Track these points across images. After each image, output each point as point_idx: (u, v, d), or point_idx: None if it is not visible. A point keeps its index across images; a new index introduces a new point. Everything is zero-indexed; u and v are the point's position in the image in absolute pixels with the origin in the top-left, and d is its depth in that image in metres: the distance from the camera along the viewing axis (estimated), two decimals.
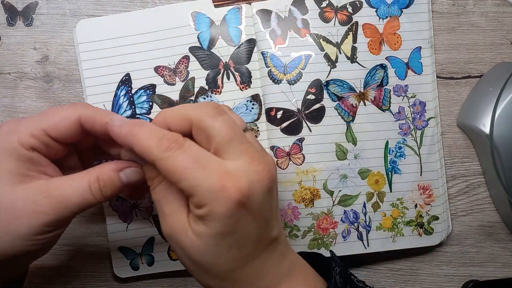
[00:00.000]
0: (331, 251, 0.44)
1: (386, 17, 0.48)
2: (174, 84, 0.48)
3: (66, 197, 0.34)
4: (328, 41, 0.48)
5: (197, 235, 0.32)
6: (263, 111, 0.48)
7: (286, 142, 0.47)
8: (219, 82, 0.48)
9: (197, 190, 0.31)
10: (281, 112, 0.47)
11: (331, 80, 0.47)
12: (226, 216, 0.31)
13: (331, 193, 0.48)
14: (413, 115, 0.48)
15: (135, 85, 0.48)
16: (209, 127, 0.33)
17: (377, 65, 0.48)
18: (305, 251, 0.46)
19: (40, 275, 0.49)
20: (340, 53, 0.48)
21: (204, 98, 0.48)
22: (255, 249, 0.34)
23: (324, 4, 0.48)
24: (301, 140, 0.47)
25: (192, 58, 0.48)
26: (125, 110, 0.48)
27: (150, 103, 0.48)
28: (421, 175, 0.48)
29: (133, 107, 0.48)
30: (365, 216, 0.48)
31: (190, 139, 0.33)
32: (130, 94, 0.48)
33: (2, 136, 0.35)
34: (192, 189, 0.31)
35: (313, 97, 0.47)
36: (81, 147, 0.39)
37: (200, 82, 0.48)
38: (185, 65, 0.48)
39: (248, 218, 0.32)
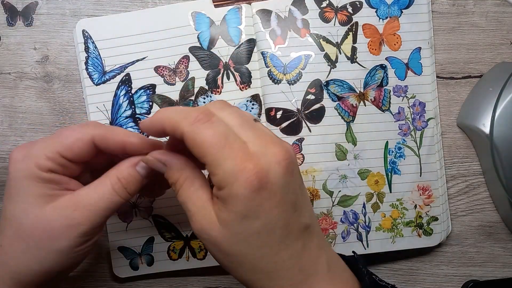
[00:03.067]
0: (353, 252, 0.43)
1: (386, 17, 0.48)
2: (174, 84, 0.48)
3: (94, 205, 0.35)
4: (328, 41, 0.48)
5: (224, 225, 0.32)
6: (263, 111, 0.48)
7: None
8: (219, 82, 0.48)
9: (219, 168, 0.31)
10: (280, 112, 0.47)
11: (331, 80, 0.47)
12: (247, 198, 0.30)
13: (330, 193, 0.48)
14: (412, 116, 0.48)
15: (135, 85, 0.48)
16: (222, 115, 0.33)
17: (377, 66, 0.48)
18: None
19: None
20: (340, 53, 0.48)
21: (204, 98, 0.48)
22: (287, 236, 0.33)
23: (324, 4, 0.48)
24: (300, 140, 0.47)
25: (192, 58, 0.48)
26: (125, 110, 0.48)
27: (150, 103, 0.48)
28: (420, 176, 0.48)
29: (133, 107, 0.48)
30: (364, 216, 0.48)
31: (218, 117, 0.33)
32: (130, 94, 0.48)
33: (19, 163, 0.35)
34: (214, 167, 0.31)
35: (313, 97, 0.47)
36: (94, 165, 0.40)
37: (200, 82, 0.48)
38: (185, 65, 0.48)
39: (271, 202, 0.31)
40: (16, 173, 0.35)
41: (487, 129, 0.46)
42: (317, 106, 0.47)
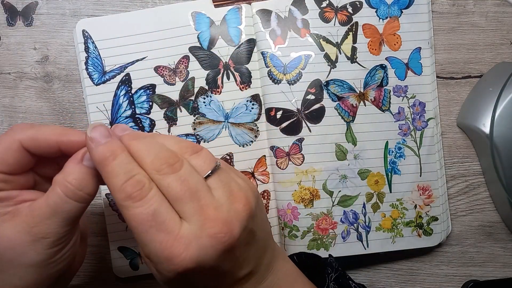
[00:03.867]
0: (330, 255, 0.43)
1: (386, 17, 0.48)
2: (174, 84, 0.48)
3: (52, 217, 0.32)
4: (328, 41, 0.48)
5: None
6: (263, 111, 0.48)
7: (285, 142, 0.47)
8: (219, 82, 0.48)
9: (146, 250, 0.30)
10: (280, 112, 0.47)
11: (331, 80, 0.47)
12: (172, 279, 0.30)
13: (330, 193, 0.48)
14: (412, 116, 0.48)
15: (135, 85, 0.48)
16: (160, 185, 0.31)
17: (377, 66, 0.48)
18: (305, 252, 0.46)
19: None
20: (340, 53, 0.47)
21: (204, 98, 0.48)
22: None
23: (324, 4, 0.48)
24: (300, 140, 0.47)
25: (192, 58, 0.48)
26: (125, 110, 0.48)
27: (150, 103, 0.48)
28: (420, 176, 0.48)
29: (133, 106, 0.48)
30: (364, 216, 0.48)
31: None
32: (130, 94, 0.48)
33: None
34: (142, 246, 0.30)
35: (313, 97, 0.47)
36: (46, 173, 0.37)
37: (200, 82, 0.48)
38: (185, 65, 0.48)
39: (201, 277, 0.31)
40: None
41: (487, 129, 0.46)
42: (317, 106, 0.47)
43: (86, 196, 0.33)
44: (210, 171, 0.32)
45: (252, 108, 0.48)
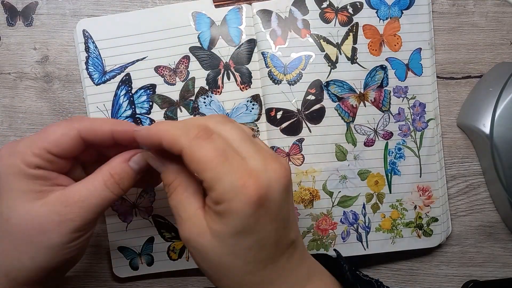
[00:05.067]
0: (335, 249, 0.43)
1: (387, 18, 0.48)
2: (174, 84, 0.48)
3: (86, 201, 0.35)
4: (328, 42, 0.48)
5: (216, 236, 0.32)
6: (263, 111, 0.48)
7: (285, 142, 0.47)
8: (220, 82, 0.48)
9: (219, 184, 0.31)
10: (281, 112, 0.47)
11: (331, 80, 0.47)
12: (246, 214, 0.31)
13: (330, 194, 0.48)
14: (413, 117, 0.48)
15: (135, 85, 0.48)
16: (224, 131, 0.33)
17: (377, 66, 0.48)
18: (312, 253, 0.46)
19: None
20: (341, 54, 0.47)
21: (204, 98, 0.48)
22: (275, 252, 0.33)
23: (324, 4, 0.48)
24: (300, 140, 0.47)
25: (192, 58, 0.48)
26: (125, 110, 0.48)
27: (150, 103, 0.48)
28: (420, 177, 0.48)
29: (133, 106, 0.48)
30: (364, 217, 0.48)
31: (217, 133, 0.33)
32: (130, 94, 0.48)
33: (5, 160, 0.35)
34: (213, 183, 0.31)
35: (313, 97, 0.47)
36: (84, 160, 0.39)
37: (200, 82, 0.48)
38: (185, 65, 0.48)
39: (267, 218, 0.32)
40: (2, 170, 0.35)
41: (487, 129, 0.46)
42: (317, 106, 0.47)
43: (121, 191, 0.36)
44: (252, 133, 0.35)
45: (253, 108, 0.48)
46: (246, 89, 0.48)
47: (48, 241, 0.34)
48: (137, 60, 0.47)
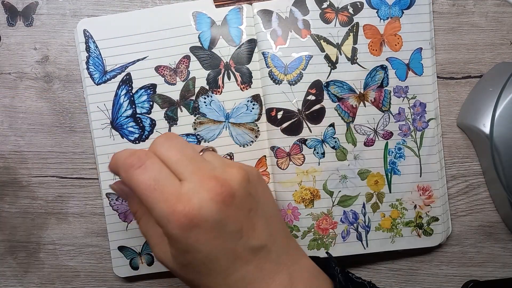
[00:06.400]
0: (327, 252, 0.44)
1: (387, 18, 0.48)
2: (174, 84, 0.48)
3: None
4: (328, 42, 0.48)
5: (174, 259, 0.34)
6: (264, 111, 0.48)
7: (286, 142, 0.47)
8: (220, 82, 0.48)
9: (153, 212, 0.32)
10: (281, 112, 0.47)
11: (331, 81, 0.47)
12: (182, 237, 0.32)
13: (331, 193, 0.48)
14: (413, 116, 0.48)
15: (136, 84, 0.48)
16: (159, 154, 0.34)
17: (377, 66, 0.48)
18: (312, 253, 0.46)
19: (40, 275, 0.50)
20: (341, 54, 0.48)
21: (205, 98, 0.48)
22: (234, 261, 0.33)
23: (325, 5, 0.48)
24: (301, 140, 0.47)
25: (192, 58, 0.48)
26: (125, 110, 0.48)
27: (151, 103, 0.48)
28: (420, 176, 0.48)
29: (133, 106, 0.48)
30: (364, 216, 0.48)
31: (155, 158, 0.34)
32: (131, 94, 0.48)
33: None
34: (150, 211, 0.32)
35: (313, 97, 0.47)
36: None
37: (201, 82, 0.48)
38: (185, 65, 0.48)
39: (209, 236, 0.32)
40: None
41: (487, 129, 0.46)
42: (317, 106, 0.47)
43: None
44: (202, 149, 0.36)
45: (253, 108, 0.48)
46: (247, 89, 0.48)
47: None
48: (138, 60, 0.47)
